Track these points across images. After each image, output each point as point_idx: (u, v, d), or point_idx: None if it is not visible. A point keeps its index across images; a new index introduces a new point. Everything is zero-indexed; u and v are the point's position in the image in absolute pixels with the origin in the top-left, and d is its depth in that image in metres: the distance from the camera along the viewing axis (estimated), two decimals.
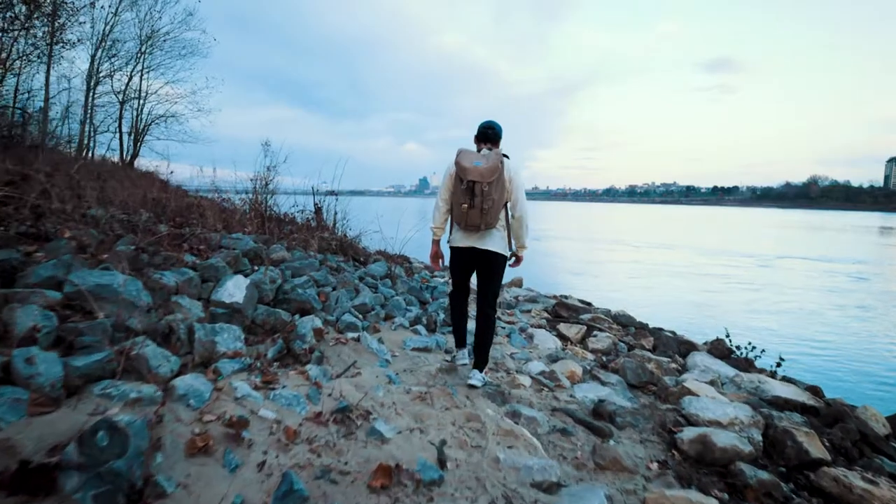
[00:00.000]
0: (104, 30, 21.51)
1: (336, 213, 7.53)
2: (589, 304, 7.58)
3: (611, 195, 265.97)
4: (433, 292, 5.22)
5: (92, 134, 20.48)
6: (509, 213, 2.71)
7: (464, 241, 2.65)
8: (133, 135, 23.73)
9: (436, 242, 2.82)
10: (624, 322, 5.86)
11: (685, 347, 5.04)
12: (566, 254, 19.64)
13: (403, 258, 11.24)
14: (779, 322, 9.42)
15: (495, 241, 2.63)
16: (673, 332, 6.29)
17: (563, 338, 4.71)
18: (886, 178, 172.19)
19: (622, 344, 4.71)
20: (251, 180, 7.34)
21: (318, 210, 7.30)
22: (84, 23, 16.57)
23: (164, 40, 22.27)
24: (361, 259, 5.33)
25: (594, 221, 51.92)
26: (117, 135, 22.15)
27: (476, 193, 2.45)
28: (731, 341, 4.95)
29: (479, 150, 2.68)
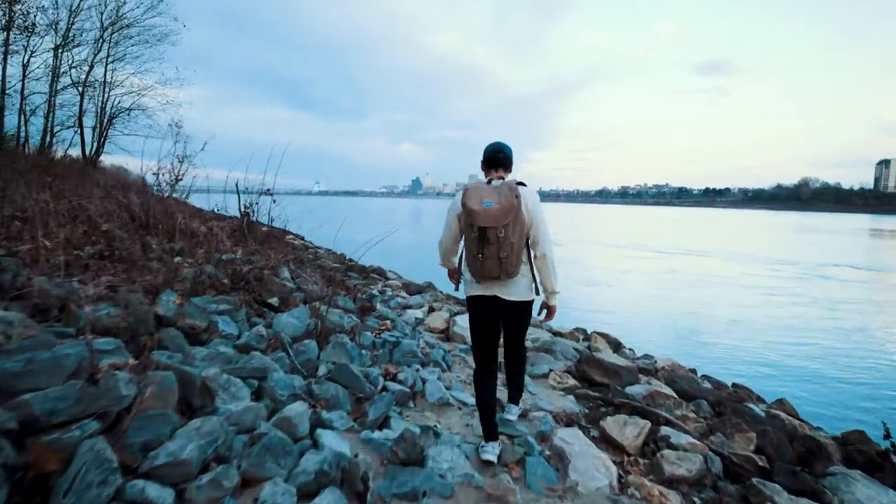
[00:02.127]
0: (68, 18, 19.27)
1: (272, 221, 5.47)
2: (619, 344, 5.58)
3: (603, 196, 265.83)
4: (392, 354, 3.17)
5: (51, 129, 18.32)
6: (533, 256, 2.16)
7: (481, 290, 2.17)
8: (98, 129, 21.47)
9: (454, 272, 2.44)
10: (688, 389, 3.86)
11: (805, 448, 3.05)
12: (573, 258, 17.66)
13: (376, 274, 9.17)
14: (840, 342, 7.53)
15: (521, 289, 2.16)
16: (764, 405, 4.32)
17: (612, 444, 2.70)
18: (876, 180, 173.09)
19: (713, 456, 2.70)
20: (153, 173, 5.28)
21: (245, 216, 5.22)
22: (45, 8, 14.68)
23: (128, 26, 20.05)
24: (278, 302, 3.26)
25: (595, 223, 50.16)
26: (79, 130, 19.95)
27: (490, 241, 1.98)
28: (893, 446, 2.96)
29: (488, 181, 2.18)
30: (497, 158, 2.22)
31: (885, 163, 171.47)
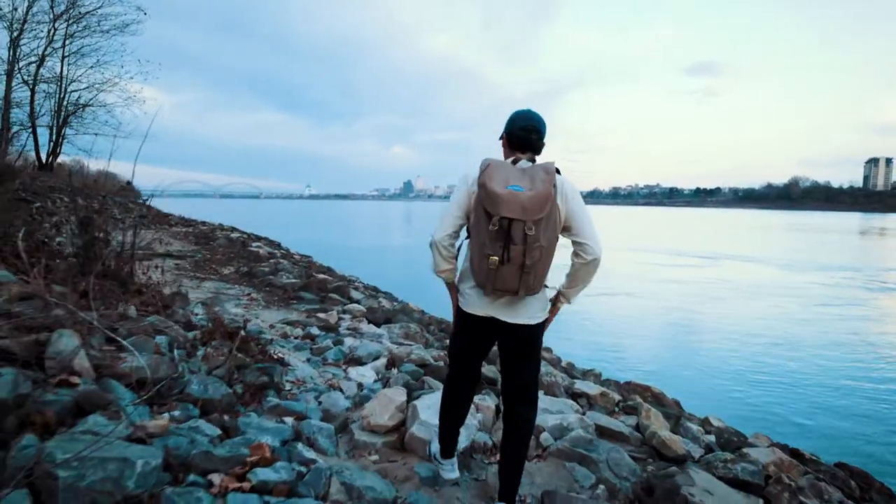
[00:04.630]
0: (25, 10, 17.43)
1: (125, 246, 3.56)
2: (679, 417, 3.68)
3: (595, 197, 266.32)
4: None
5: (7, 129, 16.53)
6: (575, 255, 1.66)
7: (481, 306, 1.66)
8: (55, 127, 19.33)
9: (452, 287, 1.78)
10: None
11: None
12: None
13: (337, 293, 7.26)
14: None
15: (531, 309, 1.66)
16: None
17: None
18: (865, 178, 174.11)
19: None
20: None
21: (84, 225, 3.28)
22: None
23: (82, 16, 18.02)
24: None
25: (599, 225, 48.21)
26: (31, 129, 17.87)
27: (515, 240, 1.47)
28: None
29: (513, 162, 1.64)
30: (529, 140, 1.67)
31: (873, 161, 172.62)
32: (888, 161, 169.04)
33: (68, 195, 14.70)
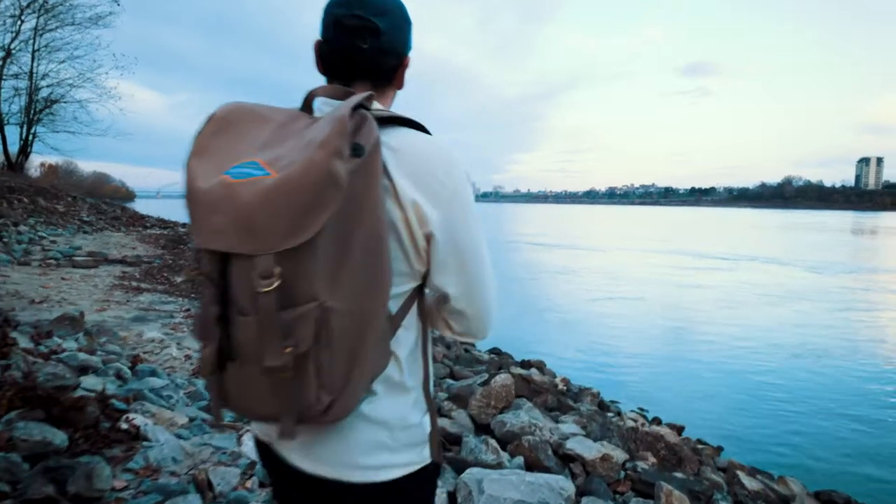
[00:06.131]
0: None
1: None
2: (708, 487, 2.76)
3: (591, 197, 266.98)
4: None
5: None
6: (442, 321, 0.69)
7: (259, 426, 0.70)
8: (27, 126, 18.36)
9: None
10: None
11: None
12: (608, 268, 14.82)
13: None
14: None
15: (352, 444, 0.60)
16: None
17: None
18: (857, 177, 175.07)
19: None
20: None
21: None
22: None
23: (52, 6, 17.06)
24: None
25: (601, 225, 47.56)
26: None
27: (241, 305, 0.51)
28: None
29: (306, 101, 0.63)
30: (350, 53, 0.65)
31: (865, 161, 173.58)
32: (879, 160, 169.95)
33: (29, 196, 13.61)
